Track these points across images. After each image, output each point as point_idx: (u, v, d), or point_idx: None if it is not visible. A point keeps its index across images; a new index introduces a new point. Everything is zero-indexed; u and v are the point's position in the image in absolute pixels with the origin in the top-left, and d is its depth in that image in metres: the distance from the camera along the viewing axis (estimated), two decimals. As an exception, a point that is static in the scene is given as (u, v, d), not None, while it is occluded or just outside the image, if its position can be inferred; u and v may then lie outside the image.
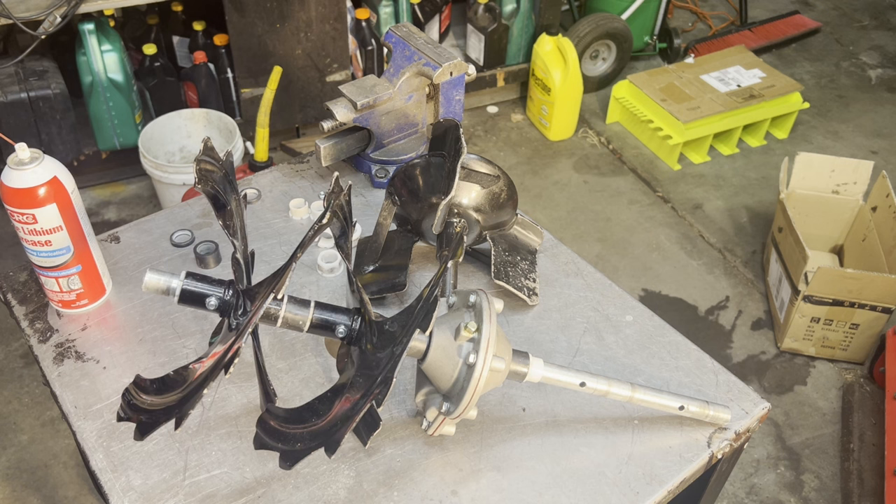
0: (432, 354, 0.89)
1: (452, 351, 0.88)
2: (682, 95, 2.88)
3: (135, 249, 1.29)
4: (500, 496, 0.97)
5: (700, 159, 2.90)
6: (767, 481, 1.95)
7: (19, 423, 1.94)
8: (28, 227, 1.06)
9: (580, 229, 2.61)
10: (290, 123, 2.74)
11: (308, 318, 0.88)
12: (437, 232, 1.13)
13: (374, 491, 0.96)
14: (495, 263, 1.19)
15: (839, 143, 3.04)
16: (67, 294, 1.15)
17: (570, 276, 1.29)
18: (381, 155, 1.43)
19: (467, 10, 2.95)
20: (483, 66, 2.97)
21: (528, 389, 1.09)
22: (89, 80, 2.36)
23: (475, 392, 0.87)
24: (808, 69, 3.44)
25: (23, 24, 2.11)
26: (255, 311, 0.84)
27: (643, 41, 3.33)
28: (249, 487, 0.96)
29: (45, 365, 1.10)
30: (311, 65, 2.63)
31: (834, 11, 3.87)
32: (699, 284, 2.44)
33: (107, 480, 0.97)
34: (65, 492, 1.80)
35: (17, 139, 1.26)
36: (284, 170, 1.47)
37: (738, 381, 1.13)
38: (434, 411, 0.92)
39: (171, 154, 2.48)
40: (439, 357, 0.89)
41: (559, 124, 2.94)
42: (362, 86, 1.37)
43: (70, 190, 1.07)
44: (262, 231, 1.32)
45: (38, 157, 1.04)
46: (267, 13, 2.47)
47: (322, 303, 0.90)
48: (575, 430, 1.05)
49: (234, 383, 1.08)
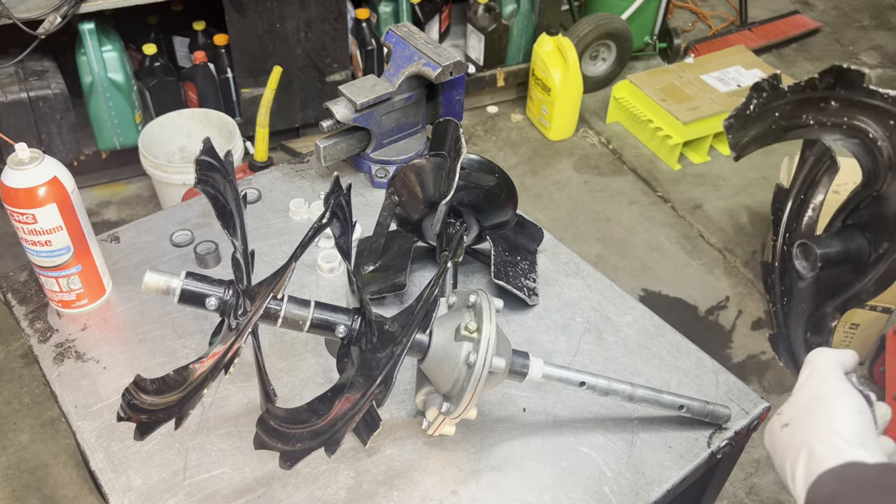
0: (432, 354, 0.89)
1: (452, 351, 0.88)
2: (682, 95, 2.88)
3: (135, 249, 1.29)
4: (500, 496, 0.97)
5: (700, 159, 2.90)
6: (767, 481, 1.95)
7: (19, 423, 1.94)
8: (28, 227, 1.06)
9: (580, 229, 2.61)
10: (290, 123, 2.74)
11: (308, 318, 0.88)
12: (437, 231, 1.13)
13: (374, 491, 0.96)
14: (495, 263, 1.19)
15: (839, 143, 3.04)
16: (67, 294, 1.15)
17: (570, 276, 1.29)
18: (381, 155, 1.43)
19: (467, 10, 2.94)
20: (483, 66, 2.96)
21: (528, 389, 1.09)
22: (89, 80, 2.36)
23: (475, 392, 0.87)
24: (808, 69, 3.44)
25: (23, 24, 2.11)
26: (256, 311, 0.84)
27: (643, 41, 3.33)
28: (249, 487, 0.96)
29: (45, 365, 1.10)
30: (311, 65, 2.63)
31: (834, 11, 3.87)
32: (699, 284, 2.44)
33: (107, 480, 0.97)
34: (65, 492, 1.80)
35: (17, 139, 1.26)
36: (284, 170, 1.47)
37: (737, 381, 1.13)
38: (434, 411, 0.92)
39: (171, 154, 2.48)
40: (439, 357, 0.89)
41: (559, 124, 2.94)
42: (362, 86, 1.37)
43: (70, 190, 1.07)
44: (261, 231, 1.32)
45: (38, 157, 1.04)
46: (267, 13, 2.47)
47: (322, 303, 0.90)
48: (575, 430, 1.05)
49: (234, 383, 1.08)
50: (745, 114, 0.87)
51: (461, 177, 1.15)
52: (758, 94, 0.86)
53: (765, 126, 0.87)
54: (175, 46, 2.72)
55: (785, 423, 0.70)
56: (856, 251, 0.82)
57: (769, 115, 0.85)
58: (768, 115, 0.85)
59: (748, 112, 0.87)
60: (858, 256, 0.82)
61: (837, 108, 0.77)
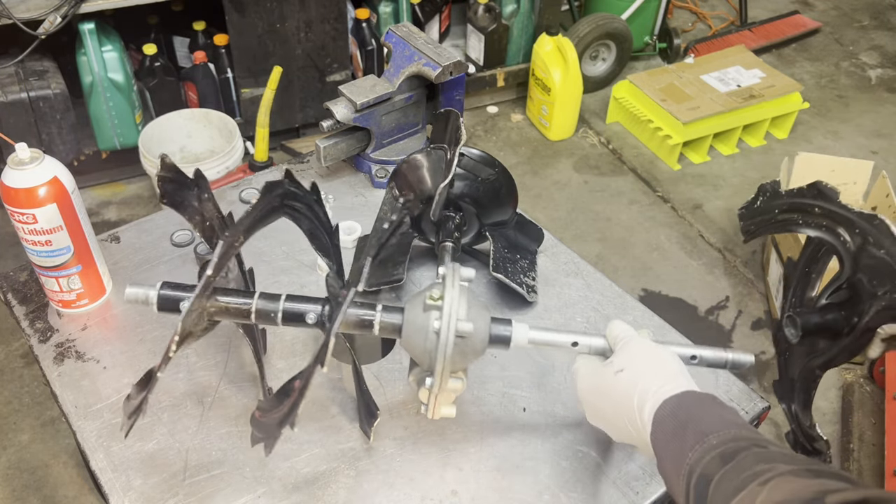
0: (407, 330, 0.88)
1: (422, 322, 0.87)
2: (682, 95, 2.88)
3: (135, 249, 1.29)
4: (500, 496, 0.97)
5: (700, 159, 2.90)
6: (767, 481, 1.94)
7: (19, 423, 1.94)
8: (28, 227, 1.06)
9: (580, 229, 2.61)
10: (290, 123, 2.74)
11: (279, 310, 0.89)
12: (436, 219, 1.12)
13: (374, 491, 0.97)
14: (494, 258, 1.19)
15: (839, 143, 3.04)
16: (67, 294, 1.15)
17: (570, 276, 1.29)
18: (381, 155, 1.44)
19: (467, 10, 2.94)
20: (483, 66, 2.96)
21: (528, 389, 1.09)
22: (89, 80, 2.36)
23: (445, 358, 0.85)
24: (808, 69, 3.44)
25: (23, 24, 2.11)
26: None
27: (643, 41, 3.33)
28: (249, 487, 0.96)
29: (46, 365, 1.11)
30: (311, 65, 2.63)
31: (834, 11, 3.87)
32: (699, 284, 2.44)
33: (107, 480, 0.97)
34: (65, 492, 1.80)
35: (17, 139, 1.26)
36: (284, 170, 1.47)
37: (738, 380, 1.13)
38: (424, 391, 0.90)
39: (171, 154, 2.47)
40: (412, 332, 0.88)
41: (559, 124, 2.94)
42: (362, 86, 1.37)
43: (70, 190, 1.07)
44: (261, 231, 1.31)
45: (38, 157, 1.04)
46: (267, 13, 2.47)
47: (293, 295, 0.91)
48: (575, 430, 1.05)
49: (235, 384, 1.08)
50: (754, 207, 1.09)
51: (461, 166, 1.15)
52: (762, 194, 1.07)
53: (768, 218, 1.06)
54: (175, 46, 2.72)
55: (619, 370, 0.85)
56: (832, 323, 0.99)
57: (772, 210, 1.05)
58: (771, 210, 1.05)
59: (756, 206, 1.08)
60: (834, 328, 0.99)
61: (820, 213, 0.98)
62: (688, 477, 0.72)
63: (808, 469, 0.64)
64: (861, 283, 0.94)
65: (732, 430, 0.73)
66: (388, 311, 0.90)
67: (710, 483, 0.68)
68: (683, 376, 0.84)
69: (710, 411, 0.77)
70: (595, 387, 0.89)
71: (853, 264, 0.94)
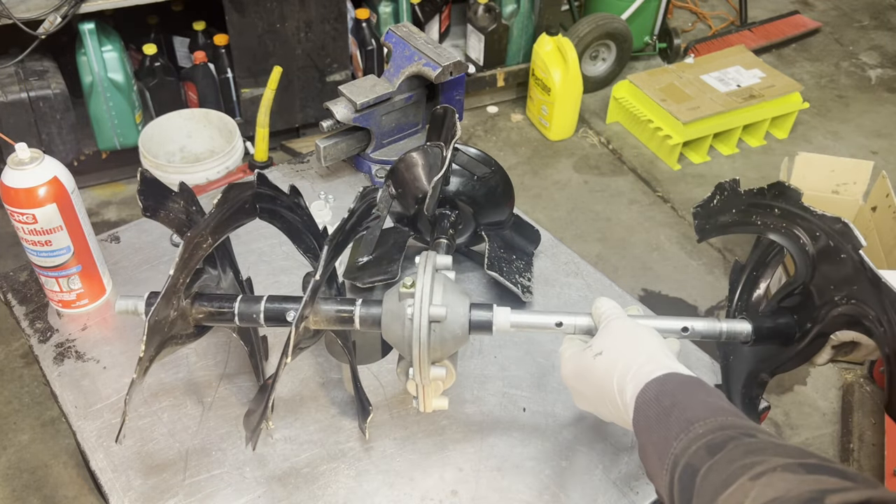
0: (386, 321, 0.88)
1: (398, 312, 0.87)
2: (682, 95, 2.88)
3: (135, 249, 1.29)
4: (500, 496, 0.97)
5: (700, 159, 2.90)
6: (767, 481, 1.95)
7: (19, 423, 1.94)
8: (28, 227, 1.06)
9: (580, 229, 2.61)
10: (290, 123, 2.74)
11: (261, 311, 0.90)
12: (430, 214, 1.12)
13: (374, 491, 0.97)
14: (489, 257, 1.19)
15: (839, 143, 3.04)
16: (67, 294, 1.15)
17: (569, 276, 1.29)
18: (381, 155, 1.44)
19: (467, 10, 2.95)
20: (483, 66, 2.96)
21: (528, 389, 1.09)
22: (89, 80, 2.36)
23: (421, 345, 0.84)
24: (808, 69, 3.44)
25: (23, 24, 2.11)
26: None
27: (643, 41, 3.33)
28: (249, 487, 0.96)
29: (46, 365, 1.10)
30: (311, 65, 2.63)
31: (834, 11, 3.87)
32: (699, 284, 2.44)
33: (107, 480, 0.97)
34: (65, 492, 1.80)
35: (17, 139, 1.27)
36: (284, 170, 1.47)
37: (737, 381, 1.13)
38: (411, 383, 0.90)
39: (171, 154, 2.48)
40: (390, 322, 0.88)
41: (559, 124, 2.94)
42: (362, 86, 1.37)
43: (70, 190, 1.07)
44: (262, 231, 1.32)
45: (38, 157, 1.04)
46: (267, 13, 2.47)
47: (275, 295, 0.91)
48: (575, 430, 1.05)
49: (235, 384, 1.08)
50: (710, 206, 1.04)
51: (458, 163, 1.15)
52: (720, 193, 1.02)
53: (725, 219, 1.02)
54: (175, 46, 2.72)
55: (598, 352, 0.83)
56: (784, 328, 0.95)
57: (728, 210, 1.01)
58: (728, 210, 1.01)
59: (712, 205, 1.03)
60: (787, 333, 0.95)
61: (779, 214, 0.95)
62: (672, 467, 0.69)
63: (801, 464, 0.61)
64: (817, 289, 0.91)
65: (720, 418, 0.70)
66: (367, 304, 0.90)
67: (696, 474, 0.66)
68: (664, 355, 0.81)
69: (695, 397, 0.74)
70: (577, 371, 0.86)
71: (811, 269, 0.91)
